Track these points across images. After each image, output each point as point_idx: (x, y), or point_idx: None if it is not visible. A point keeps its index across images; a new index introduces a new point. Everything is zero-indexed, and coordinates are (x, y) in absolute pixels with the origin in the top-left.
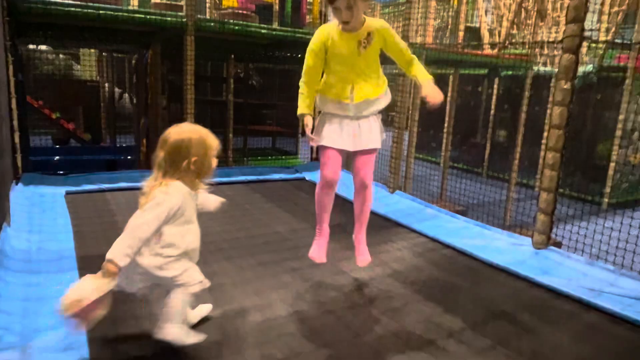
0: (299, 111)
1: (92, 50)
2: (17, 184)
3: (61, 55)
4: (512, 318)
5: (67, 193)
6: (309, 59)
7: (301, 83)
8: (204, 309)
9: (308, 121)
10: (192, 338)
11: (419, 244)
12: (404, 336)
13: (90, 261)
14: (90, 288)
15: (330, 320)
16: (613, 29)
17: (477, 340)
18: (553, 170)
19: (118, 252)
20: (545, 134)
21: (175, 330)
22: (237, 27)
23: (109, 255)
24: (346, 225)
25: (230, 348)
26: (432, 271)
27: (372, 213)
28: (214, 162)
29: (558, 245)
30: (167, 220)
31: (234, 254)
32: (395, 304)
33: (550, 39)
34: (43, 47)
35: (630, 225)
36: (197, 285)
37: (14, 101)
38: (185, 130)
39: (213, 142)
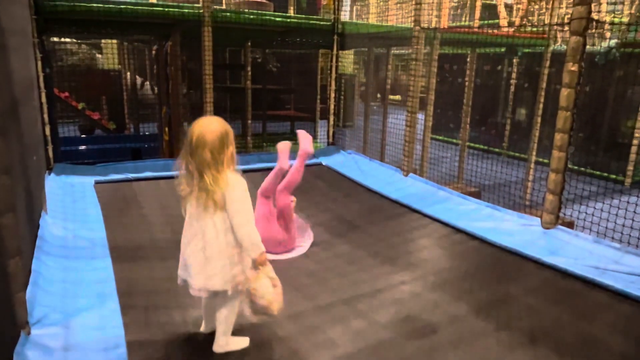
0: None
1: (113, 40)
2: (49, 173)
3: (83, 46)
4: (516, 300)
5: (96, 182)
6: None
7: None
8: None
9: None
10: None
11: (428, 229)
12: (409, 322)
13: (120, 250)
14: (270, 286)
15: (339, 306)
16: (637, 1)
17: (479, 323)
18: (561, 152)
19: (259, 245)
20: None
21: (231, 341)
22: (252, 17)
23: (256, 254)
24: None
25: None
26: (440, 256)
27: (384, 197)
28: None
29: (570, 225)
30: None
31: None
32: (402, 288)
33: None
34: (66, 39)
35: (635, 204)
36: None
37: (43, 95)
38: (215, 125)
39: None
